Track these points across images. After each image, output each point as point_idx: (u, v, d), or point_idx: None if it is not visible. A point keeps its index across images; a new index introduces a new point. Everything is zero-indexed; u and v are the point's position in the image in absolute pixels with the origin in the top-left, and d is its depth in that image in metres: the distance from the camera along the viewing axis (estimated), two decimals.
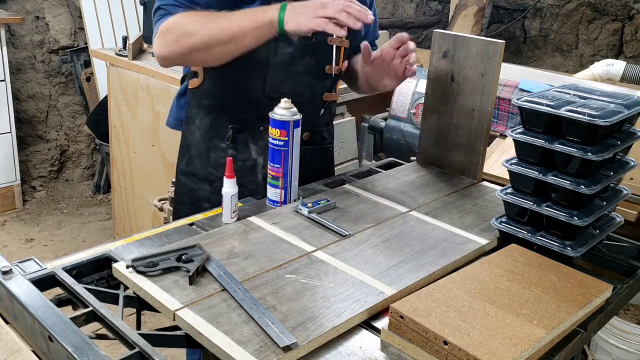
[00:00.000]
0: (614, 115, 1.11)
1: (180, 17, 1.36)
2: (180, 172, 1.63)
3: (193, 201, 1.59)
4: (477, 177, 1.55)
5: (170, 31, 1.36)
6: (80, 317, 0.97)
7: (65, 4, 3.82)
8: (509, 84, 2.30)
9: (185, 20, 1.35)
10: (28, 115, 3.83)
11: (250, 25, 1.30)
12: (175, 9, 1.37)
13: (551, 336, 0.93)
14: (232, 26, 1.31)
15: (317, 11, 1.23)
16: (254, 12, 1.31)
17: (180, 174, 1.63)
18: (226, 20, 1.31)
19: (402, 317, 0.92)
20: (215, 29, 1.31)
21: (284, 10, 1.27)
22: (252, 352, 0.87)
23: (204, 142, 1.56)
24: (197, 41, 1.33)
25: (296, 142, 1.33)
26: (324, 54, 1.49)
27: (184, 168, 1.61)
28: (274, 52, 1.45)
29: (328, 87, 1.57)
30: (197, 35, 1.32)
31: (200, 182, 1.58)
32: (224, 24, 1.31)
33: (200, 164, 1.58)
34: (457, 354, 0.86)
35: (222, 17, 1.32)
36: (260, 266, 1.10)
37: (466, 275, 1.05)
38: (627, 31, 2.89)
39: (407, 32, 3.66)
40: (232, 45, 1.33)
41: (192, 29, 1.33)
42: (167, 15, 1.38)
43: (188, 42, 1.33)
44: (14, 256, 3.03)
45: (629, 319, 2.19)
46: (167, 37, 1.36)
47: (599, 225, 1.26)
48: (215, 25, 1.32)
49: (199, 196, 1.58)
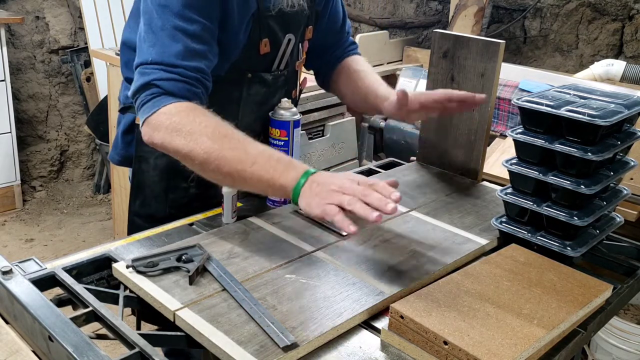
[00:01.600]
0: (614, 115, 1.11)
1: (185, 110, 1.12)
2: (134, 214, 1.41)
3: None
4: (477, 177, 1.55)
5: (173, 124, 1.11)
6: (80, 317, 0.97)
7: (65, 4, 3.82)
8: (509, 84, 2.31)
9: (191, 122, 1.11)
10: (28, 115, 3.83)
11: (262, 178, 1.08)
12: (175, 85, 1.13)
13: (551, 336, 0.93)
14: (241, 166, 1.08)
15: (331, 196, 1.03)
16: (274, 165, 1.08)
17: (134, 216, 1.42)
18: (242, 153, 1.08)
19: (402, 317, 0.92)
20: (226, 155, 1.08)
21: (302, 185, 1.07)
22: (252, 352, 0.87)
23: (161, 183, 1.38)
24: (198, 153, 1.09)
25: (296, 142, 1.33)
26: (293, 81, 1.45)
27: (137, 210, 1.41)
28: (247, 93, 1.35)
29: None
30: (201, 146, 1.09)
31: (159, 224, 1.32)
32: (237, 156, 1.08)
33: (158, 205, 1.40)
34: (457, 354, 0.86)
35: (240, 148, 1.09)
36: (260, 266, 1.09)
37: (466, 275, 1.05)
38: (627, 31, 2.89)
39: (407, 32, 3.63)
40: (229, 180, 1.13)
41: (202, 138, 1.09)
42: (165, 96, 1.14)
43: (189, 146, 1.10)
44: (14, 256, 3.03)
45: (629, 319, 2.19)
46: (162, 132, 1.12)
47: (599, 225, 1.26)
48: (229, 152, 1.09)
49: None
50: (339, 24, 1.54)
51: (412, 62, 3.21)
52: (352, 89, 1.53)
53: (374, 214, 0.99)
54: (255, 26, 1.28)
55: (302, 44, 1.44)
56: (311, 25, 1.45)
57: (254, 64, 1.33)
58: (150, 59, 1.15)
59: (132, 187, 1.41)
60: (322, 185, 1.05)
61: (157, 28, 1.16)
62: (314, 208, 1.04)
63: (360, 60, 1.58)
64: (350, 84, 1.53)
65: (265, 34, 1.31)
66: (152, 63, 1.15)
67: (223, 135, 1.10)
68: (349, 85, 1.54)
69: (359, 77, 1.52)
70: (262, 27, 1.29)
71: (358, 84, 1.51)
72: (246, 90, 1.34)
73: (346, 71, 1.55)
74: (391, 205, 0.99)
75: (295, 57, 1.44)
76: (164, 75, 1.14)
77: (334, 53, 1.57)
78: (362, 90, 1.49)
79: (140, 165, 1.39)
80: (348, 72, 1.54)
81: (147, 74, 1.15)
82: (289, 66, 1.41)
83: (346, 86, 1.55)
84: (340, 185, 1.04)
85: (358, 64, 1.56)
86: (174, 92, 1.14)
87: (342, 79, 1.55)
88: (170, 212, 1.39)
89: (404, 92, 1.31)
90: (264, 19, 1.29)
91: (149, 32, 1.17)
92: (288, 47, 1.38)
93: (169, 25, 1.15)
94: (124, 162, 1.46)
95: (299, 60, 1.45)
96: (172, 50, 1.14)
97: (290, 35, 1.37)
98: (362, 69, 1.54)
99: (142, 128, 1.17)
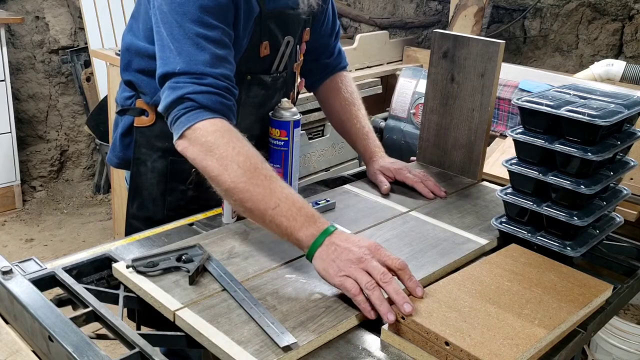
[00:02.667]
0: (614, 115, 1.11)
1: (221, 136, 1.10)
2: (132, 217, 1.42)
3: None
4: (477, 177, 1.55)
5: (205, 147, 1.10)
6: (80, 317, 0.97)
7: (65, 4, 3.82)
8: (509, 84, 2.31)
9: (225, 144, 1.09)
10: (28, 115, 3.83)
11: (281, 225, 1.05)
12: (209, 99, 1.12)
13: (552, 336, 0.93)
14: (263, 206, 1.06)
15: (350, 269, 0.98)
16: (294, 215, 1.05)
17: (132, 219, 1.42)
18: (265, 191, 1.06)
19: (403, 317, 0.92)
20: (251, 191, 1.06)
21: (319, 245, 1.03)
22: (252, 352, 0.87)
23: (159, 185, 1.39)
24: (222, 180, 1.08)
25: (296, 142, 1.33)
26: (291, 82, 1.46)
27: (135, 212, 1.42)
28: (246, 95, 1.34)
29: None
30: (227, 176, 1.07)
31: (157, 226, 1.32)
32: (260, 195, 1.06)
33: (155, 207, 1.40)
34: (459, 354, 0.86)
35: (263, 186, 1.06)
36: (260, 266, 1.09)
37: (467, 276, 1.05)
38: (627, 31, 2.89)
39: (407, 32, 3.62)
40: (249, 215, 1.11)
41: (234, 166, 1.07)
42: (200, 111, 1.12)
43: (214, 168, 1.08)
44: (14, 256, 3.03)
45: (629, 319, 2.19)
46: (197, 148, 1.11)
47: (599, 225, 1.26)
48: (255, 188, 1.06)
49: None
50: (329, 26, 1.55)
51: (412, 62, 3.21)
52: (341, 125, 1.58)
53: (391, 317, 0.93)
54: (256, 29, 1.28)
55: (299, 45, 1.44)
56: (308, 27, 1.45)
57: (254, 67, 1.33)
58: (179, 68, 1.13)
59: (130, 190, 1.41)
60: (341, 253, 1.00)
61: (180, 36, 1.14)
62: (332, 277, 1.00)
63: (349, 81, 1.61)
64: (341, 117, 1.57)
65: (266, 37, 1.31)
66: (180, 73, 1.13)
67: (254, 167, 1.08)
68: (339, 117, 1.58)
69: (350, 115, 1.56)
70: (263, 30, 1.29)
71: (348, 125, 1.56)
72: (245, 93, 1.34)
73: (337, 97, 1.58)
74: (408, 308, 0.92)
75: (294, 59, 1.44)
76: (197, 89, 1.12)
77: (322, 60, 1.58)
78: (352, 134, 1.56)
79: (138, 167, 1.39)
80: (340, 101, 1.57)
81: (180, 87, 1.13)
82: (287, 68, 1.41)
83: (336, 116, 1.59)
84: (359, 258, 0.99)
85: (347, 89, 1.58)
86: (208, 106, 1.13)
87: (335, 105, 1.58)
88: (167, 215, 1.39)
89: (386, 189, 1.43)
90: (265, 21, 1.29)
91: (171, 40, 1.15)
92: (287, 49, 1.38)
93: (191, 32, 1.14)
94: (122, 164, 1.46)
95: (297, 62, 1.46)
96: (199, 59, 1.13)
97: (289, 37, 1.37)
98: (353, 100, 1.57)
99: (176, 141, 1.15)
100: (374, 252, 1.00)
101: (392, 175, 1.48)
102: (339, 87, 1.58)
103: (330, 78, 1.60)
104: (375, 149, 1.54)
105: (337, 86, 1.58)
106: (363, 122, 1.56)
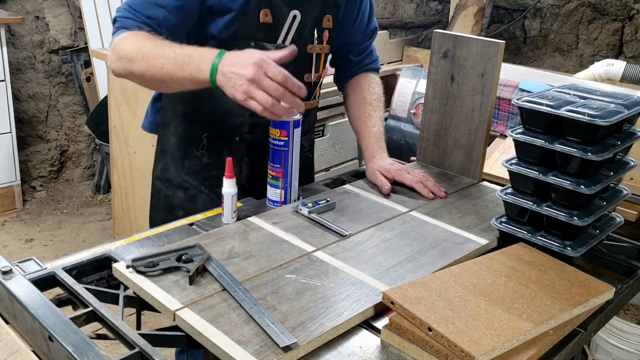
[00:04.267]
0: (614, 115, 1.11)
1: (127, 37, 1.28)
2: (156, 178, 1.58)
3: (167, 208, 1.55)
4: (477, 177, 1.55)
5: (116, 49, 1.29)
6: (80, 317, 0.97)
7: (65, 4, 3.82)
8: (509, 84, 2.31)
9: (129, 44, 1.27)
10: (28, 115, 3.83)
11: (182, 74, 1.21)
12: (130, 22, 1.30)
13: (538, 331, 0.92)
14: (165, 69, 1.23)
15: (249, 87, 1.14)
16: (188, 59, 1.21)
17: (156, 179, 1.58)
18: (162, 59, 1.23)
19: (392, 302, 0.93)
20: (151, 64, 1.24)
21: (216, 67, 1.18)
22: (252, 352, 0.87)
23: (179, 149, 1.52)
24: (135, 69, 1.26)
25: (296, 142, 1.33)
26: (303, 62, 1.46)
27: (159, 174, 1.57)
28: None
29: (306, 95, 1.53)
30: (135, 64, 1.25)
31: (174, 189, 1.53)
32: (159, 62, 1.23)
33: (175, 170, 1.53)
34: (440, 340, 0.87)
35: (159, 55, 1.23)
36: (260, 266, 1.10)
37: (465, 269, 1.06)
38: (627, 31, 2.89)
39: (407, 32, 3.62)
40: (164, 85, 1.29)
41: (132, 55, 1.26)
42: (122, 29, 1.31)
43: (127, 66, 1.27)
44: (14, 256, 3.03)
45: (629, 319, 2.20)
46: (114, 54, 1.30)
47: (599, 225, 1.26)
48: (152, 60, 1.23)
49: (173, 203, 1.53)
50: (364, 23, 1.58)
51: (412, 62, 3.21)
52: (354, 122, 1.62)
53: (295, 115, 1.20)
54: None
55: (319, 30, 1.46)
56: (330, 15, 1.47)
57: (256, 33, 1.37)
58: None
59: (157, 152, 1.58)
60: (238, 66, 1.15)
61: None
62: (232, 93, 1.16)
63: (374, 82, 1.64)
64: (355, 114, 1.61)
65: (266, 4, 1.35)
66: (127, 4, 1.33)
67: (149, 50, 1.24)
68: (354, 115, 1.62)
69: (364, 114, 1.59)
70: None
71: (359, 123, 1.59)
72: None
73: (356, 96, 1.62)
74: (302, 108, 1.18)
75: (308, 39, 1.45)
76: (127, 14, 1.31)
77: (354, 57, 1.62)
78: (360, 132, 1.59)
79: (164, 130, 1.54)
80: (358, 100, 1.61)
81: (119, 10, 1.33)
82: (297, 44, 1.39)
83: (351, 114, 1.64)
84: (254, 74, 1.13)
85: (369, 89, 1.62)
86: (126, 27, 1.30)
87: (352, 103, 1.62)
88: (184, 179, 1.51)
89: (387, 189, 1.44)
90: None
91: None
92: (294, 24, 1.40)
93: None
94: (152, 128, 1.60)
95: (312, 43, 1.46)
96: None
97: (296, 12, 1.39)
98: (371, 101, 1.60)
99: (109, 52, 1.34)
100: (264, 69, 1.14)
101: (391, 176, 1.48)
102: (361, 86, 1.62)
103: (356, 77, 1.63)
104: (377, 148, 1.54)
105: (359, 85, 1.62)
106: (374, 121, 1.57)
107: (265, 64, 1.14)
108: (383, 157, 1.54)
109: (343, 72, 1.66)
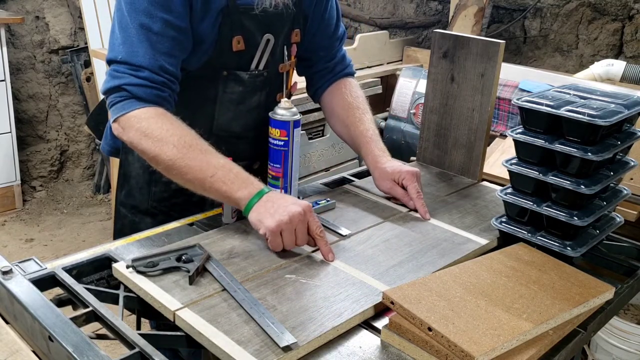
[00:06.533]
0: (614, 115, 1.11)
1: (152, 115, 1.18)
2: (120, 203, 1.47)
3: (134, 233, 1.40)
4: (477, 177, 1.55)
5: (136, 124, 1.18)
6: (80, 317, 0.97)
7: (65, 4, 3.82)
8: (509, 84, 2.31)
9: (156, 124, 1.17)
10: (28, 115, 3.83)
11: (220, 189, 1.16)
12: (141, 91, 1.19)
13: (538, 330, 0.93)
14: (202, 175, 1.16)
15: (283, 220, 1.11)
16: (232, 179, 1.16)
17: (120, 205, 1.47)
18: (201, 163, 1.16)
19: (392, 302, 0.93)
20: (186, 164, 1.16)
21: (256, 200, 1.15)
22: (252, 352, 0.87)
23: (144, 175, 1.41)
24: (160, 159, 1.17)
25: (296, 142, 1.33)
26: (276, 83, 1.42)
27: (123, 199, 1.46)
28: (223, 91, 1.34)
29: None
30: (165, 147, 1.16)
31: (141, 215, 1.43)
32: (197, 166, 1.16)
33: (141, 196, 1.43)
34: (440, 340, 0.87)
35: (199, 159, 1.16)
36: (260, 266, 1.09)
37: (465, 269, 1.06)
38: (627, 31, 2.89)
39: (407, 32, 3.62)
40: (191, 186, 1.19)
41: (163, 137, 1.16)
42: (133, 101, 1.19)
43: (153, 147, 1.17)
44: (14, 256, 3.03)
45: (629, 319, 2.19)
46: (131, 127, 1.19)
47: (599, 225, 1.26)
48: (189, 162, 1.16)
49: (141, 229, 1.33)
50: (331, 28, 1.50)
51: (412, 62, 3.20)
52: (346, 130, 1.50)
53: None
54: (225, 22, 1.27)
55: (288, 46, 1.41)
56: (298, 29, 1.42)
57: (228, 62, 1.32)
58: (120, 57, 1.20)
59: (119, 177, 1.46)
60: (278, 207, 1.13)
61: (126, 25, 1.20)
62: (265, 224, 1.12)
63: (354, 86, 1.54)
64: (345, 122, 1.49)
65: (238, 32, 1.29)
66: (121, 62, 1.20)
67: (188, 144, 1.17)
68: (343, 123, 1.50)
69: (354, 119, 1.48)
70: (234, 24, 1.28)
71: (352, 129, 1.48)
72: (222, 89, 1.34)
73: (340, 102, 1.50)
74: (331, 257, 1.13)
75: (279, 59, 1.40)
76: (133, 81, 1.19)
77: (326, 64, 1.53)
78: (355, 139, 1.48)
79: (127, 156, 1.44)
80: (343, 106, 1.49)
81: (118, 77, 1.20)
82: (269, 67, 1.38)
83: (340, 123, 1.51)
84: (292, 216, 1.11)
85: (351, 93, 1.51)
86: (142, 98, 1.20)
87: (338, 110, 1.50)
88: (152, 205, 1.43)
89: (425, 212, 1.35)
90: (235, 15, 1.27)
91: (119, 28, 1.22)
92: (267, 47, 1.35)
93: (136, 23, 1.20)
94: (113, 152, 1.50)
95: (283, 62, 1.41)
96: (139, 51, 1.19)
97: (269, 35, 1.34)
98: (358, 104, 1.50)
99: (112, 124, 1.24)
100: (303, 212, 1.12)
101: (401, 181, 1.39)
102: (342, 91, 1.51)
103: (333, 84, 1.53)
104: (378, 152, 1.45)
105: (340, 91, 1.52)
106: (367, 125, 1.47)
107: (310, 212, 1.14)
108: (387, 159, 1.44)
109: (318, 81, 1.55)
